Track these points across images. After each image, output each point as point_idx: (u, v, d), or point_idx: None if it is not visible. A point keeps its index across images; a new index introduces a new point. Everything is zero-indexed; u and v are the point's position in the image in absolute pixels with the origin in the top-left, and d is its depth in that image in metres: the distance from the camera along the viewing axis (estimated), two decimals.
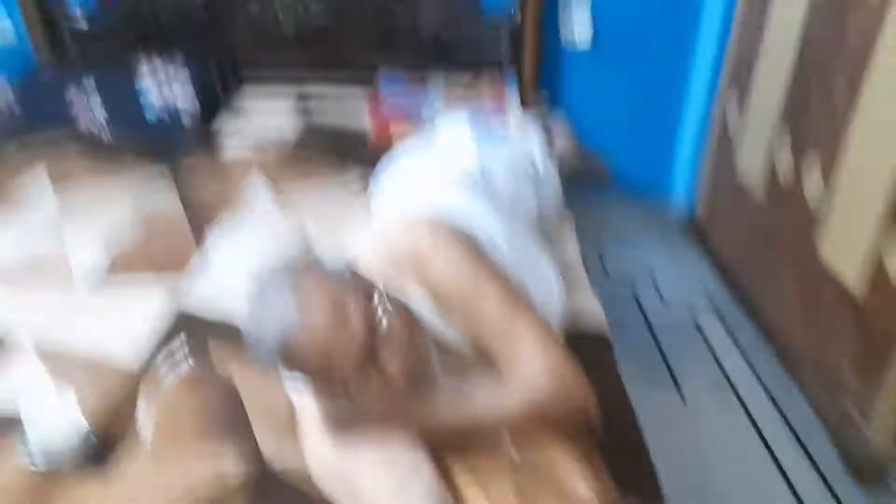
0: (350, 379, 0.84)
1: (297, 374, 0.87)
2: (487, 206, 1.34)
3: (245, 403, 1.08)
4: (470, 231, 1.07)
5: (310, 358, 0.82)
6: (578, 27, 2.52)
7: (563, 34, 2.55)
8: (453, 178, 1.35)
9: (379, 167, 1.58)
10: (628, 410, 1.20)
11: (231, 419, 1.05)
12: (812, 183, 1.85)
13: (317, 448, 0.93)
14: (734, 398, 1.99)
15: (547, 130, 1.89)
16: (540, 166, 1.68)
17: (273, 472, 0.96)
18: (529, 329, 0.96)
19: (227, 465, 0.95)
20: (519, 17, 2.44)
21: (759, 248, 2.22)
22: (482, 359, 0.99)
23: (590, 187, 2.39)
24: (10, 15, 2.42)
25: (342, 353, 0.82)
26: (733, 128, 2.40)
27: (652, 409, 1.86)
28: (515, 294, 1.01)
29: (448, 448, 0.94)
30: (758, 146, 2.20)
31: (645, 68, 2.62)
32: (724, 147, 2.48)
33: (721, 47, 2.45)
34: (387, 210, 1.18)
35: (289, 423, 1.04)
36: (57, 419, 1.03)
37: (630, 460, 1.06)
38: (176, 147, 2.15)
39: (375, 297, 0.88)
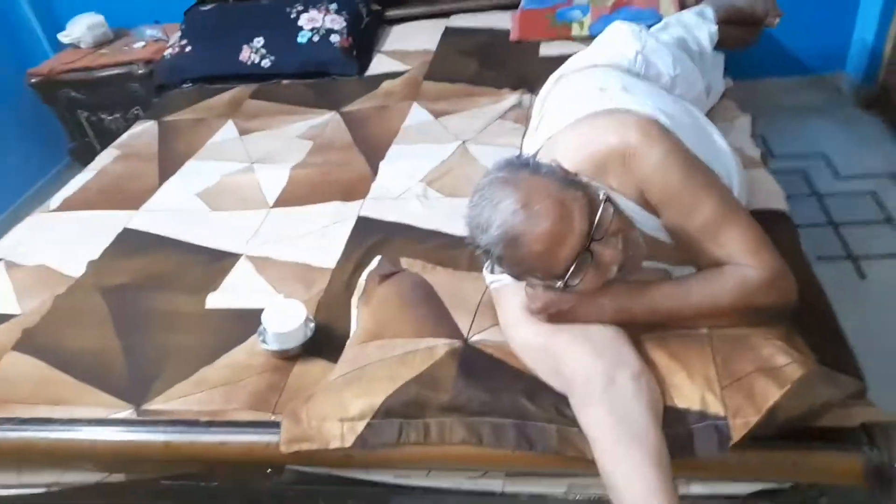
0: (565, 269, 0.88)
1: (513, 267, 0.92)
2: (659, 92, 1.31)
3: (438, 292, 1.18)
4: (659, 120, 1.06)
5: (533, 249, 0.86)
6: None
7: None
8: (618, 74, 1.32)
9: (535, 89, 1.56)
10: (817, 288, 1.17)
11: (429, 305, 1.15)
12: None
13: (521, 332, 1.00)
14: None
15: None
16: (706, 44, 1.59)
17: (473, 344, 1.06)
18: (742, 228, 0.97)
19: (433, 340, 1.05)
20: None
21: None
22: (688, 253, 1.01)
23: (756, 59, 2.21)
24: None
25: (562, 245, 0.86)
26: None
27: (827, 285, 1.80)
28: (728, 193, 1.02)
29: (647, 328, 0.98)
30: None
31: None
32: None
33: None
34: (563, 116, 1.19)
35: (482, 308, 1.13)
36: (284, 307, 1.19)
37: (825, 339, 1.04)
38: (327, 66, 2.26)
39: (592, 191, 0.91)
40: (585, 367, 0.91)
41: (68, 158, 2.80)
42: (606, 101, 1.22)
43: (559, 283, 0.90)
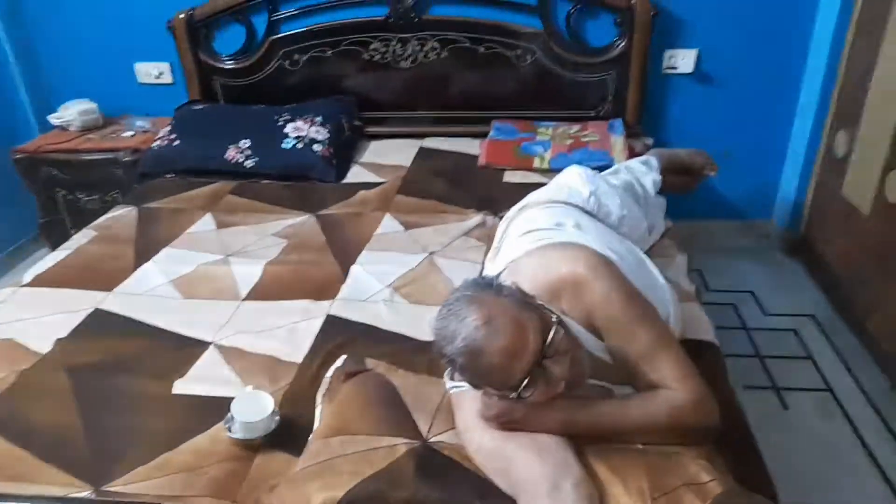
0: (519, 381, 1.00)
1: (472, 376, 1.04)
2: (607, 231, 1.50)
3: (401, 393, 1.27)
4: (606, 255, 1.23)
5: (492, 361, 0.98)
6: (683, 57, 2.62)
7: (666, 63, 2.66)
8: (574, 212, 1.51)
9: (497, 212, 1.74)
10: (739, 414, 1.31)
11: (390, 405, 1.24)
12: None
13: (475, 436, 1.10)
14: (837, 407, 2.03)
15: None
16: (650, 189, 1.81)
17: (431, 445, 1.14)
18: (673, 357, 1.12)
19: (394, 439, 1.13)
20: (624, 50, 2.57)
21: (868, 263, 2.26)
22: (627, 375, 1.14)
23: (693, 204, 2.48)
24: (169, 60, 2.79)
25: (518, 360, 0.98)
26: (840, 151, 2.44)
27: (754, 414, 1.94)
28: (663, 325, 1.18)
29: (588, 440, 1.09)
30: (867, 168, 2.25)
31: (750, 94, 2.69)
32: (832, 169, 2.52)
33: (829, 74, 2.51)
34: (521, 245, 1.35)
35: (441, 411, 1.22)
36: (252, 400, 1.25)
37: (745, 460, 1.16)
38: (308, 171, 2.43)
39: (546, 314, 1.04)
40: (533, 472, 1.00)
41: (36, 232, 2.83)
42: (562, 235, 1.39)
43: (513, 394, 1.01)
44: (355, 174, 2.50)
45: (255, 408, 1.23)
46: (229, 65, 2.72)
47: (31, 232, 2.89)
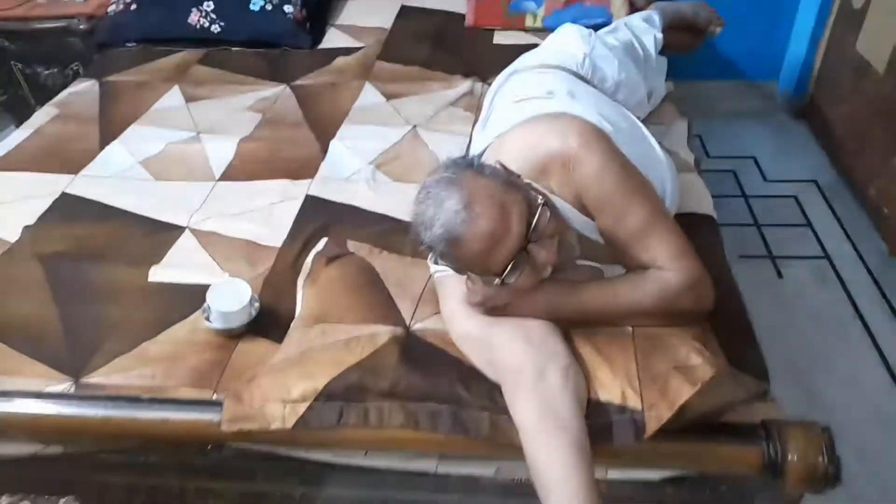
0: (502, 267, 0.93)
1: (453, 263, 0.97)
2: (601, 98, 1.38)
3: (383, 278, 1.22)
4: (600, 126, 1.12)
5: (472, 248, 0.91)
6: None
7: None
8: (567, 78, 1.38)
9: (486, 77, 1.60)
10: (734, 290, 1.27)
11: (373, 291, 1.19)
12: None
13: (460, 323, 1.06)
14: (832, 274, 2.01)
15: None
16: (651, 49, 1.66)
17: (414, 332, 1.11)
18: (668, 235, 1.04)
19: (376, 327, 1.09)
20: None
21: (875, 126, 2.15)
22: (617, 253, 1.08)
23: (694, 64, 2.31)
24: None
25: (500, 245, 0.92)
26: (860, 2, 2.24)
27: (747, 281, 1.93)
28: (658, 202, 1.09)
29: (576, 324, 1.05)
30: (887, 20, 2.07)
31: None
32: (847, 23, 2.32)
33: None
34: (511, 115, 1.23)
35: (425, 296, 1.17)
36: (229, 286, 1.20)
37: (738, 340, 1.13)
38: (279, 37, 2.23)
39: (531, 194, 0.96)
40: (518, 358, 0.97)
41: None
42: (553, 104, 1.27)
43: (497, 280, 0.95)
44: (332, 39, 2.31)
45: (232, 296, 1.18)
46: None
47: None
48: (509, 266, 0.94)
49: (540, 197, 0.96)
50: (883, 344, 1.79)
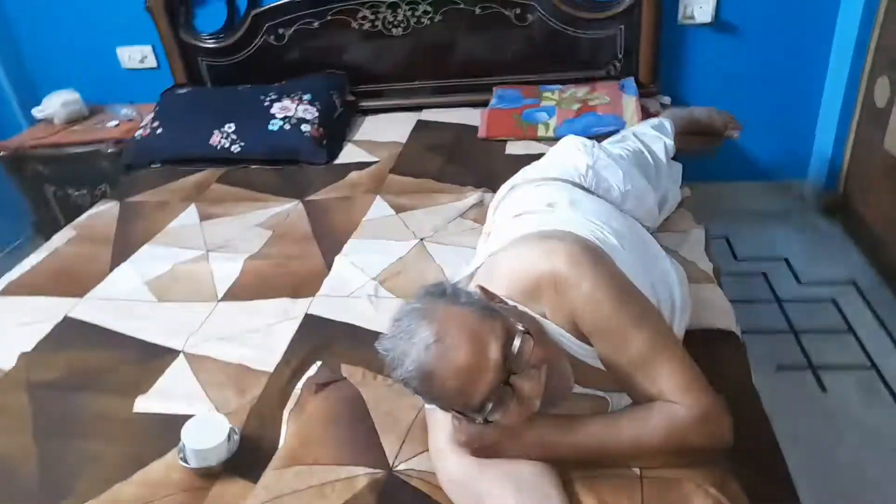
0: (481, 404, 0.85)
1: (430, 400, 0.90)
2: (606, 207, 1.32)
3: (370, 410, 1.13)
4: (596, 243, 1.05)
5: (447, 384, 0.84)
6: (701, 5, 2.37)
7: (682, 12, 2.41)
8: (568, 188, 1.34)
9: (498, 188, 1.57)
10: (760, 418, 1.13)
11: (357, 425, 1.10)
12: None
13: (446, 464, 0.96)
14: (881, 386, 1.83)
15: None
16: (661, 158, 1.62)
17: (397, 474, 1.01)
18: (674, 364, 0.94)
19: (355, 469, 1.00)
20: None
21: None
22: (620, 383, 0.98)
23: (719, 165, 2.25)
24: (151, 42, 2.64)
25: (478, 379, 0.83)
26: (881, 101, 2.18)
27: (787, 396, 1.77)
28: (662, 325, 1.00)
29: (575, 465, 0.94)
30: None
31: (777, 42, 2.43)
32: (872, 121, 2.27)
33: (867, 15, 2.24)
34: (509, 231, 1.19)
35: (414, 431, 1.08)
36: (206, 421, 1.13)
37: (768, 476, 1.00)
38: (296, 153, 2.28)
39: (511, 321, 0.88)
40: None
41: (30, 231, 2.77)
42: (554, 217, 1.22)
43: (479, 418, 0.86)
44: (348, 154, 2.35)
45: (209, 432, 1.11)
46: (211, 43, 2.57)
47: (25, 232, 2.82)
48: (490, 402, 0.85)
49: (520, 324, 0.88)
50: None
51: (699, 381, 0.94)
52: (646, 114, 2.18)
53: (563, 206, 1.28)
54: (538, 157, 1.70)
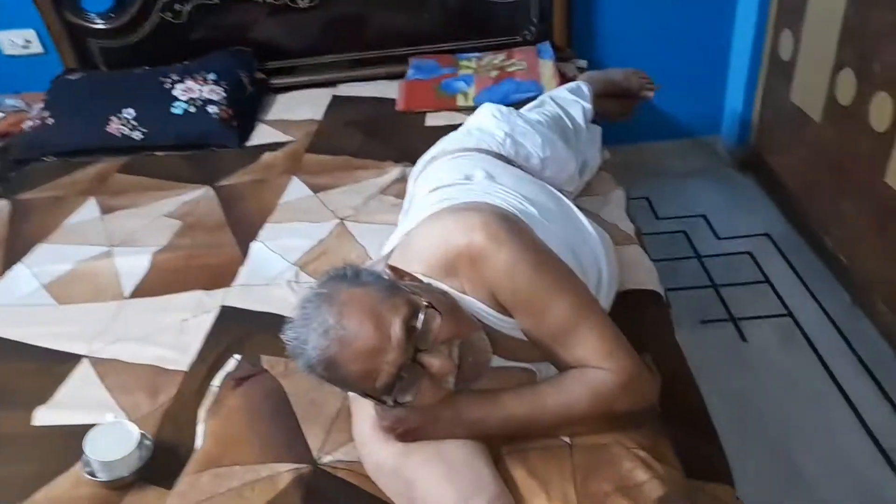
0: (388, 385, 0.81)
1: (341, 385, 0.86)
2: (525, 178, 1.29)
3: (292, 402, 1.07)
4: (515, 213, 1.02)
5: (351, 368, 0.80)
6: None
7: None
8: (486, 160, 1.30)
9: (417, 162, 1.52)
10: (686, 377, 1.14)
11: (278, 420, 1.04)
12: (878, 106, 1.71)
13: (372, 450, 0.92)
14: (798, 332, 1.91)
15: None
16: (580, 121, 1.60)
17: (323, 467, 0.96)
18: (596, 330, 0.93)
19: (277, 466, 0.94)
20: None
21: (823, 173, 2.11)
22: (543, 354, 0.96)
23: (635, 126, 2.27)
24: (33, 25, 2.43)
25: (381, 360, 0.79)
26: (786, 54, 2.25)
27: (711, 348, 1.82)
28: (583, 292, 0.98)
29: (505, 440, 0.91)
30: (816, 70, 2.06)
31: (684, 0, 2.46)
32: (779, 75, 2.33)
33: None
34: (425, 207, 1.14)
35: (339, 421, 1.03)
36: (112, 429, 1.05)
37: (697, 436, 1.01)
38: (205, 137, 2.15)
39: (415, 298, 0.84)
40: (438, 494, 0.83)
41: None
42: (471, 190, 1.18)
43: (390, 401, 0.82)
44: (260, 135, 2.23)
45: (117, 441, 1.03)
46: (101, 24, 2.38)
47: None
48: (398, 383, 0.81)
49: (425, 299, 0.84)
50: (858, 402, 1.67)
51: (622, 346, 0.93)
52: (563, 78, 2.16)
53: (480, 178, 1.24)
54: (458, 127, 1.67)
